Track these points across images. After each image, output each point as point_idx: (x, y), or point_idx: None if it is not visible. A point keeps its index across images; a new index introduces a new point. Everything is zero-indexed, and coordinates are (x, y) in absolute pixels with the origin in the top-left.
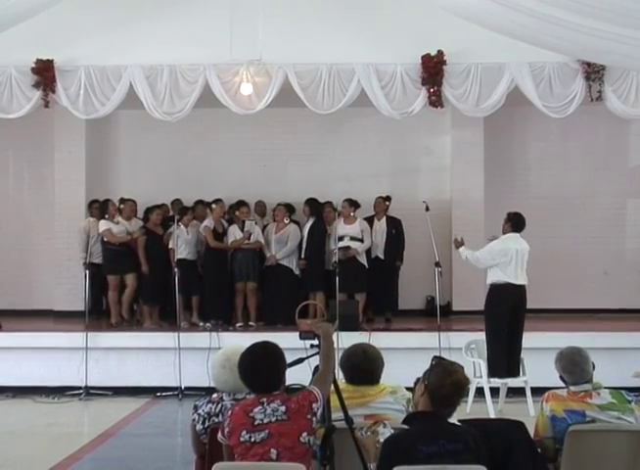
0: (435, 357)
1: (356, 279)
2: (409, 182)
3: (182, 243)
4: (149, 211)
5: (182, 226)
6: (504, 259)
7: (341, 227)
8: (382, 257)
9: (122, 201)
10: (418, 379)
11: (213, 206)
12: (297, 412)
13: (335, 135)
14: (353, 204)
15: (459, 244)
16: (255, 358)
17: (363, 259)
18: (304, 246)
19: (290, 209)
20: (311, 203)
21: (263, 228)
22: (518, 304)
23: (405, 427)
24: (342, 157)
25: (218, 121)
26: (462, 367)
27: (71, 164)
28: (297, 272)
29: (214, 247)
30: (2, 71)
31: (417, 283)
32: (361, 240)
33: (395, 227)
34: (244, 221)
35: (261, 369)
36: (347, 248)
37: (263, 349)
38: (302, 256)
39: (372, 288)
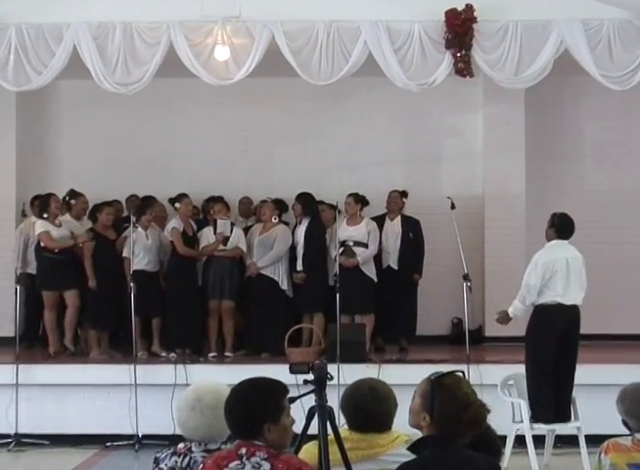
0: (435, 375)
1: (362, 296)
2: (430, 173)
3: (140, 250)
4: (97, 209)
5: (140, 229)
6: (550, 274)
7: (343, 229)
8: (395, 267)
9: (73, 195)
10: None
11: (177, 205)
12: None
13: (335, 113)
14: (360, 200)
15: (504, 318)
16: (243, 395)
17: (370, 271)
18: (301, 254)
19: (280, 206)
20: (305, 199)
21: (246, 230)
22: (569, 329)
23: (412, 455)
24: (344, 141)
25: (186, 95)
26: (474, 390)
27: None
28: (284, 286)
29: (184, 254)
30: None
31: (440, 301)
32: (365, 245)
33: (412, 230)
34: (216, 222)
35: (247, 408)
36: (351, 250)
37: (258, 384)
38: (298, 267)
39: (382, 307)
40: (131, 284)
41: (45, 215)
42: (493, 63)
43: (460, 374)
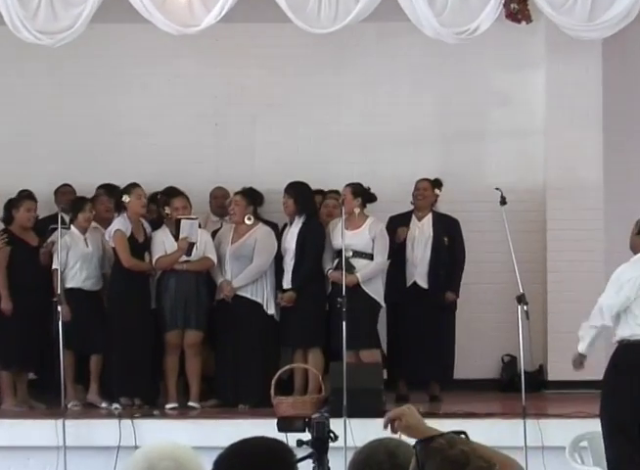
0: (420, 444)
1: (361, 325)
2: (471, 156)
3: (76, 260)
4: (12, 204)
5: (75, 231)
6: (636, 296)
7: (338, 233)
8: (423, 285)
9: None
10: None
11: (126, 198)
12: None
13: (340, 73)
14: (361, 193)
15: (578, 361)
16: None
17: (375, 291)
18: (290, 266)
19: (254, 198)
20: (298, 191)
21: (213, 234)
22: None
23: None
24: (352, 111)
25: (134, 49)
26: (476, 448)
27: None
28: (270, 311)
29: (132, 267)
30: None
31: (485, 332)
32: (370, 256)
33: (448, 233)
34: (178, 222)
35: None
36: (348, 264)
37: (261, 450)
38: (286, 284)
39: (405, 340)
40: (60, 307)
41: None
42: (559, 3)
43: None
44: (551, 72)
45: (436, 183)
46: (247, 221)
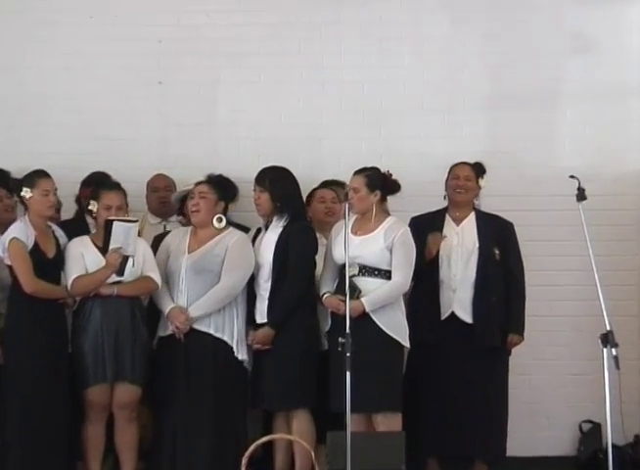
0: None
1: (374, 375)
2: (530, 129)
3: None
4: None
5: None
6: None
7: (340, 240)
8: (466, 318)
9: None
10: None
11: (27, 193)
12: None
13: (339, 7)
14: (380, 182)
15: None
16: None
17: (394, 325)
18: (266, 289)
19: (225, 191)
20: (277, 180)
21: (155, 241)
22: None
23: None
24: (356, 61)
25: None
26: None
27: None
28: (242, 357)
29: (37, 293)
30: None
31: (555, 388)
32: (387, 274)
33: (500, 242)
34: (109, 225)
35: None
36: (352, 285)
37: None
38: (259, 317)
39: (436, 399)
40: None
41: None
42: None
43: None
44: None
45: (479, 169)
46: (216, 223)
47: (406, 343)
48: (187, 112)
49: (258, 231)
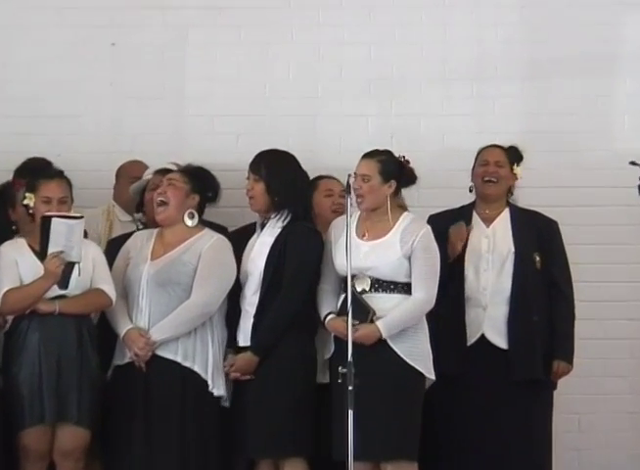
0: None
1: (391, 417)
2: (578, 104)
3: None
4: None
5: None
6: None
7: (343, 243)
8: (499, 342)
9: None
10: None
11: None
12: None
13: None
14: (396, 170)
15: None
16: None
17: (416, 353)
18: (249, 304)
19: (203, 184)
20: (276, 167)
21: (109, 245)
22: None
23: None
24: (358, 19)
25: None
26: None
27: None
28: (218, 392)
29: None
30: None
31: (609, 431)
32: (405, 288)
33: (542, 245)
34: (46, 223)
35: None
36: (361, 304)
37: None
38: (241, 339)
39: (463, 443)
40: None
41: None
42: None
43: None
44: None
45: (515, 154)
46: (187, 221)
47: (431, 374)
48: (147, 81)
49: (252, 231)
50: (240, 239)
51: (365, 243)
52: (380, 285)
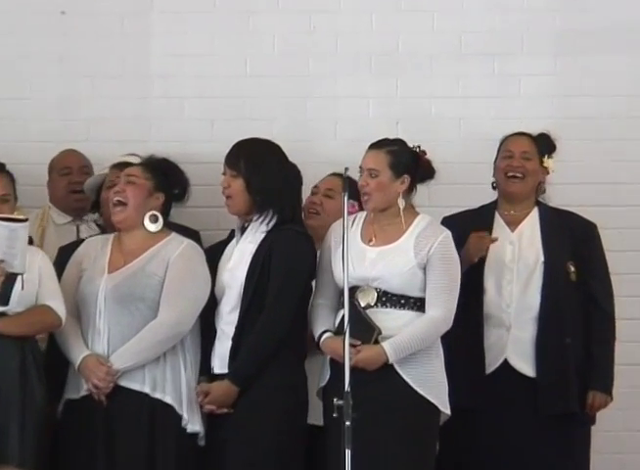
0: None
1: (388, 455)
2: (626, 82)
3: None
4: None
5: None
6: None
7: (338, 251)
8: (527, 370)
9: None
10: None
11: None
12: None
13: None
14: (401, 160)
15: None
16: None
17: (433, 383)
18: (226, 323)
19: (169, 181)
20: (259, 158)
21: (59, 254)
22: None
23: None
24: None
25: None
26: None
27: None
28: (193, 427)
29: None
30: None
31: None
32: (418, 303)
33: (577, 253)
34: None
35: None
36: (363, 322)
37: None
38: (217, 366)
39: None
40: None
41: None
42: None
43: None
44: None
45: (546, 144)
46: (148, 226)
47: (446, 408)
48: (103, 56)
49: (230, 237)
50: (216, 248)
51: (372, 249)
52: (387, 299)
